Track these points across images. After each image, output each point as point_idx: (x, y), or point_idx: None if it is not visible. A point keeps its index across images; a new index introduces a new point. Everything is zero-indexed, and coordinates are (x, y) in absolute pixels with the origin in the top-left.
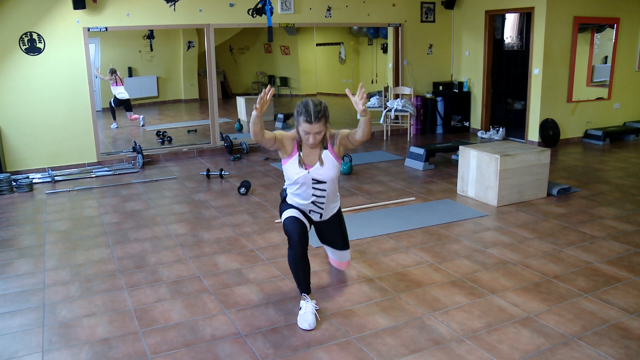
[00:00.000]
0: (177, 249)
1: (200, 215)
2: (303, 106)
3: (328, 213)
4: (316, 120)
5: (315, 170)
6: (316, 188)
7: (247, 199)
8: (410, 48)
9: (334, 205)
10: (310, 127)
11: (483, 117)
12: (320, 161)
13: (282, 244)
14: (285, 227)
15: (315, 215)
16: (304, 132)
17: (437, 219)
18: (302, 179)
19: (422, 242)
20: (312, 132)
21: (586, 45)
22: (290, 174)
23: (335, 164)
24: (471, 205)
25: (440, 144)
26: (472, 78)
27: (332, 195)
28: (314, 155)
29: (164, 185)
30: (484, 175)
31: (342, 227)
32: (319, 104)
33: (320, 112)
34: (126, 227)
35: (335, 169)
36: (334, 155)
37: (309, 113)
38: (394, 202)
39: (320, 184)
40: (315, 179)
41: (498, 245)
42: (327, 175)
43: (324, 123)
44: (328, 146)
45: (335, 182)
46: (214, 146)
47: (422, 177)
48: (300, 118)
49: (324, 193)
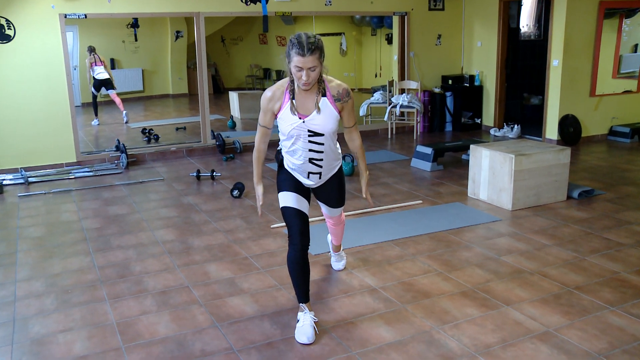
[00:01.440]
0: (164, 256)
1: (189, 220)
2: (295, 38)
3: (328, 172)
4: (309, 52)
5: (311, 120)
6: (313, 142)
7: (241, 203)
8: (417, 38)
9: (335, 164)
10: (303, 61)
11: (496, 113)
12: (317, 108)
13: (279, 251)
14: (285, 218)
15: (313, 177)
16: (297, 68)
17: (446, 224)
18: (297, 130)
19: (430, 249)
20: (305, 67)
21: (613, 33)
22: (284, 125)
23: (334, 114)
24: (483, 209)
25: (450, 143)
26: (484, 71)
27: (330, 152)
28: (310, 101)
29: (150, 188)
30: (497, 176)
31: (340, 189)
32: (312, 36)
33: (314, 43)
34: (108, 233)
35: (333, 120)
36: (334, 105)
37: (301, 44)
38: (399, 206)
39: (317, 136)
40: (312, 130)
41: (513, 252)
42: (324, 126)
43: (319, 57)
44: (327, 93)
45: (334, 137)
46: (205, 145)
47: (430, 178)
48: (292, 51)
49: (321, 148)
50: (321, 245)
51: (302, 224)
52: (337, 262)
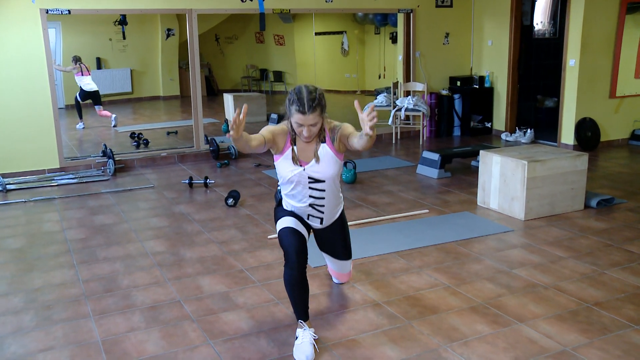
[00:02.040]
0: (154, 269)
1: (181, 230)
2: (295, 94)
3: (329, 218)
4: (310, 110)
5: (312, 167)
6: (313, 188)
7: (236, 212)
8: (424, 37)
9: (337, 210)
10: (304, 119)
11: (508, 116)
12: (316, 157)
13: (276, 264)
14: (281, 240)
15: (314, 221)
16: (297, 124)
17: (454, 234)
18: (297, 177)
19: (437, 262)
20: (306, 124)
21: (636, 29)
22: (283, 171)
23: (335, 160)
24: (494, 219)
25: (458, 149)
26: (495, 72)
27: (332, 197)
28: (309, 149)
29: (139, 196)
30: (508, 184)
31: (344, 235)
32: (313, 91)
33: (315, 100)
34: (94, 244)
35: (334, 166)
36: (334, 150)
37: (302, 102)
38: (405, 216)
39: (318, 183)
40: (312, 177)
41: (526, 265)
42: (326, 172)
43: (320, 113)
44: (326, 139)
45: (335, 182)
46: (198, 151)
47: (437, 186)
48: (292, 108)
49: (322, 194)
50: (322, 257)
51: (298, 244)
52: None
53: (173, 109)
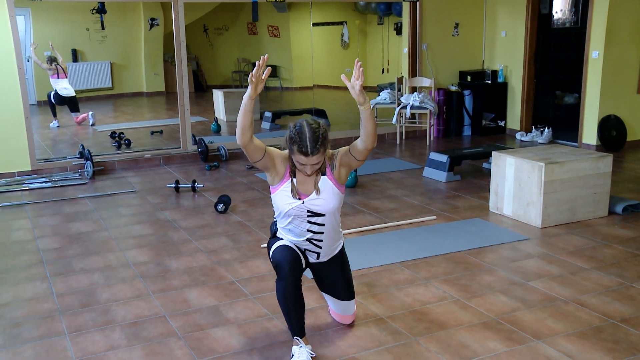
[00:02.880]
0: (137, 281)
1: (166, 238)
2: (297, 133)
3: (328, 253)
4: (314, 151)
5: (312, 201)
6: (313, 222)
7: (227, 218)
8: (431, 28)
9: (336, 245)
10: (306, 160)
11: (523, 114)
12: (317, 189)
13: (270, 274)
14: (274, 257)
15: (311, 256)
16: (299, 164)
17: (464, 243)
18: (295, 211)
19: (446, 273)
20: (309, 164)
21: None
22: (280, 204)
23: (335, 192)
24: (508, 227)
25: (468, 149)
26: (509, 65)
27: (332, 232)
28: (309, 182)
29: (120, 201)
30: (524, 188)
31: (345, 272)
32: (316, 129)
33: (319, 140)
34: (70, 254)
35: (335, 199)
36: (334, 181)
37: (304, 143)
38: (410, 222)
39: (318, 217)
40: (311, 211)
41: (543, 277)
42: (326, 206)
43: (323, 152)
44: (327, 171)
45: (336, 216)
46: (185, 152)
47: (445, 190)
48: (294, 147)
49: (322, 229)
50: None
51: (292, 257)
52: None
53: (157, 106)
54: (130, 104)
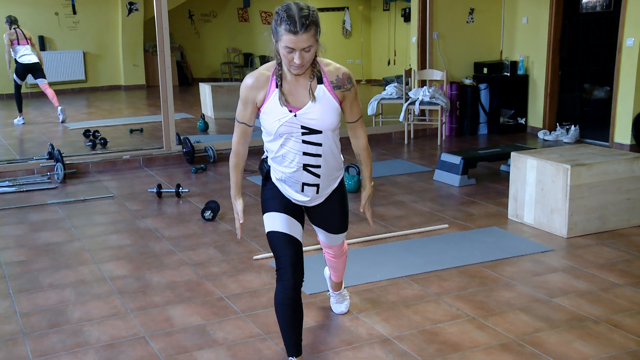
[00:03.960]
0: (113, 297)
1: (147, 249)
2: (284, 11)
3: (327, 185)
4: (303, 28)
5: (306, 113)
6: (308, 142)
7: (215, 227)
8: (443, 14)
9: (336, 175)
10: (295, 40)
11: (546, 110)
12: (312, 96)
13: (263, 290)
14: (273, 246)
15: (309, 191)
16: (287, 49)
17: (480, 255)
18: (287, 127)
19: (459, 288)
20: (298, 48)
21: None
22: (270, 121)
23: (333, 105)
24: (529, 236)
25: (484, 150)
26: (530, 56)
27: (331, 156)
28: (302, 89)
29: (95, 208)
30: (547, 193)
31: (342, 208)
32: (305, 7)
33: (309, 17)
34: (37, 268)
35: (333, 113)
36: (332, 93)
37: (292, 19)
38: (419, 232)
39: (314, 134)
40: (306, 126)
41: (570, 293)
42: (323, 120)
43: (314, 33)
44: (323, 79)
45: (334, 136)
46: (168, 152)
47: (459, 196)
48: (281, 28)
49: (319, 150)
50: (318, 281)
51: (293, 255)
52: (338, 303)
53: (137, 102)
54: (106, 99)
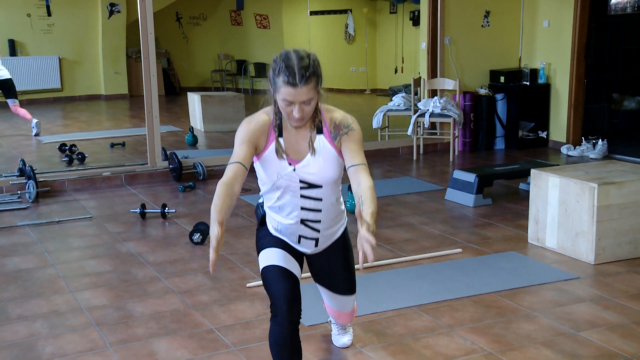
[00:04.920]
0: (91, 330)
1: (129, 276)
2: (282, 60)
3: (328, 238)
4: (303, 81)
5: (305, 167)
6: (306, 197)
7: (204, 251)
8: (456, 17)
9: (337, 227)
10: (294, 93)
11: (570, 123)
12: (312, 149)
13: (257, 321)
14: (267, 283)
15: (307, 244)
16: (285, 102)
17: (497, 282)
18: (285, 181)
19: (474, 319)
20: (297, 101)
21: None
22: (267, 173)
23: (334, 157)
24: (551, 263)
25: (502, 167)
26: (552, 63)
27: (331, 210)
28: (301, 141)
29: (71, 230)
30: (571, 215)
31: (347, 261)
32: (305, 57)
33: (309, 68)
34: (4, 297)
35: (334, 166)
36: (333, 145)
37: (291, 70)
38: (430, 257)
39: (313, 189)
40: (305, 180)
41: (599, 326)
42: (323, 173)
43: (315, 85)
44: (323, 129)
45: (335, 189)
46: (153, 169)
47: (473, 217)
48: (279, 79)
49: (318, 205)
50: (318, 311)
51: (289, 289)
52: (340, 335)
53: (119, 113)
54: (84, 110)
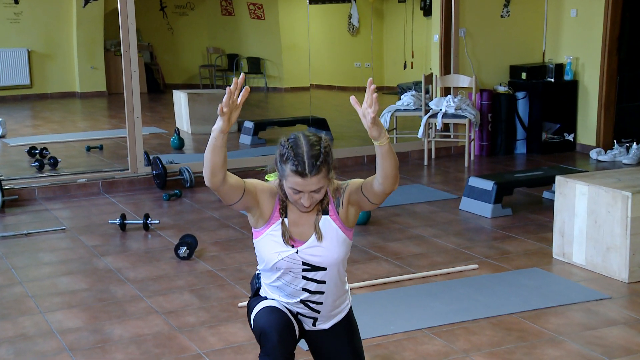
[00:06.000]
0: (63, 356)
1: (107, 294)
2: (290, 147)
3: (328, 319)
4: (313, 171)
5: (309, 249)
6: (309, 279)
7: (191, 267)
8: (472, 7)
9: (341, 308)
10: (303, 183)
11: (600, 124)
12: (318, 233)
13: (249, 344)
14: (258, 323)
15: (306, 322)
16: (293, 190)
17: (518, 302)
18: (287, 263)
19: (493, 343)
20: (306, 191)
21: None
22: (266, 253)
23: (341, 239)
24: (579, 280)
25: (523, 173)
26: (581, 57)
27: (335, 291)
28: (306, 223)
29: (42, 243)
30: (602, 227)
31: (353, 345)
32: (316, 143)
33: (320, 157)
34: None
35: (341, 248)
36: (340, 223)
37: (300, 159)
38: (443, 273)
39: (317, 271)
40: (308, 263)
41: (634, 353)
42: (328, 257)
43: (326, 174)
44: (329, 208)
45: (341, 270)
46: (134, 175)
47: (491, 229)
48: (287, 167)
49: (321, 287)
50: None
51: (281, 322)
52: None
53: (96, 113)
54: (57, 109)
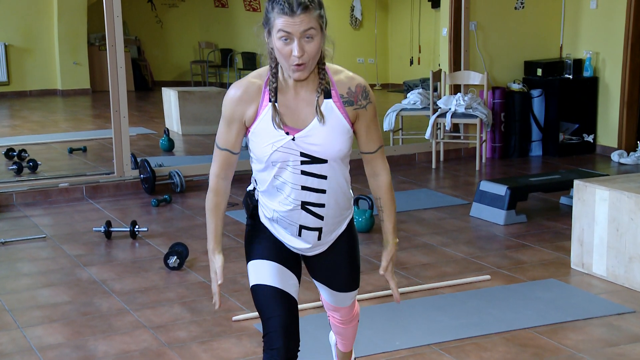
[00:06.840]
0: None
1: (91, 308)
2: None
3: (333, 228)
4: (300, 8)
5: (307, 136)
6: (308, 173)
7: (182, 278)
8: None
9: (345, 214)
10: (292, 22)
11: (623, 124)
12: (319, 115)
13: None
14: (259, 305)
15: (309, 236)
16: (283, 38)
17: (533, 317)
18: (282, 154)
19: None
20: (296, 34)
21: None
22: (260, 145)
23: (343, 126)
24: (599, 293)
25: (538, 177)
26: (601, 52)
27: (338, 192)
28: (303, 105)
29: (20, 253)
30: (624, 235)
31: (352, 255)
32: None
33: None
34: None
35: (343, 137)
36: (343, 111)
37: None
38: (452, 285)
39: (316, 164)
40: (307, 154)
41: None
42: (329, 146)
43: (318, 16)
44: (332, 91)
45: (344, 167)
46: (120, 179)
47: (504, 237)
48: (274, 13)
49: (322, 184)
50: (319, 349)
51: (286, 316)
52: None
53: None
54: (37, 108)
